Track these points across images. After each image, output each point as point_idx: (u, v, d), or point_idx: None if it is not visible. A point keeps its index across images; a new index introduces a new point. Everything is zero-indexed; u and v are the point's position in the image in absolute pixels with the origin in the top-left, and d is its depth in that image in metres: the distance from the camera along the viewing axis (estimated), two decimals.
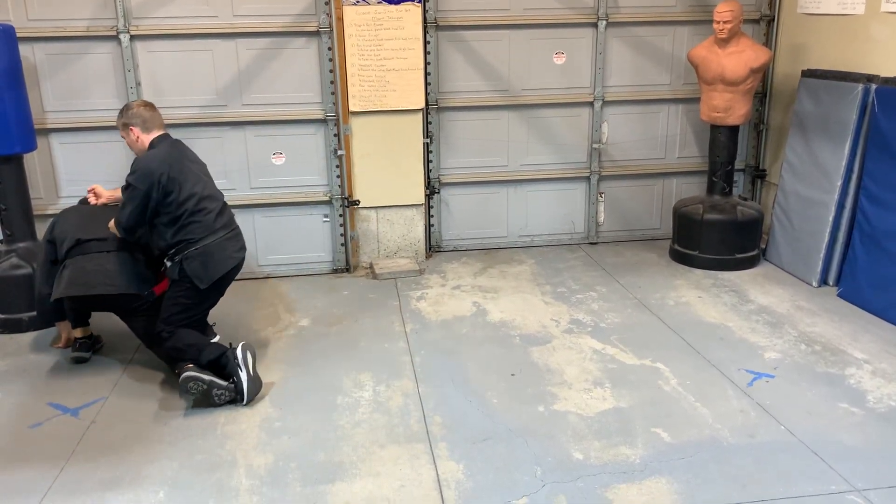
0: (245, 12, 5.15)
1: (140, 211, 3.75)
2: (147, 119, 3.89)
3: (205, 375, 3.62)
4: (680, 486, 3.00)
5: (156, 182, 3.70)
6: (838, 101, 4.97)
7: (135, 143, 3.92)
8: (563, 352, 4.20)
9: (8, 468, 3.21)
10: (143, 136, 3.89)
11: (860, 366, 3.98)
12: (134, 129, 3.87)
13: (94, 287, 3.81)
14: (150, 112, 3.93)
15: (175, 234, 3.79)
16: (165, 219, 3.77)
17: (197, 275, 3.79)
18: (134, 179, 3.71)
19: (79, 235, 3.93)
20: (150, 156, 3.80)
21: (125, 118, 3.90)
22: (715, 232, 5.39)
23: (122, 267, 3.89)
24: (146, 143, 3.89)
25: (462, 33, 5.58)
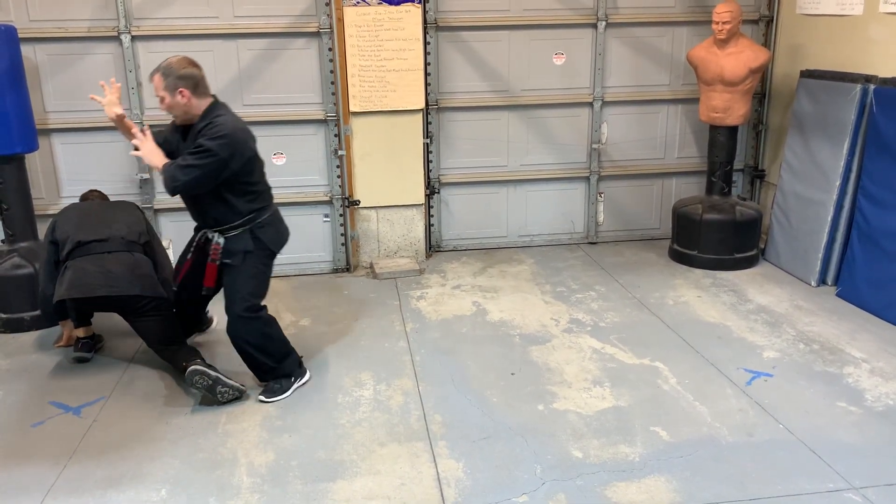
0: (246, 13, 5.17)
1: (211, 178, 3.45)
2: (200, 80, 3.51)
3: (211, 371, 3.64)
4: (679, 485, 3.02)
5: (239, 153, 3.45)
6: (837, 102, 4.99)
7: (178, 107, 3.50)
8: (563, 351, 4.22)
9: (10, 466, 3.23)
10: (194, 100, 3.49)
11: (858, 365, 3.99)
12: (185, 91, 3.45)
13: (95, 289, 3.80)
14: (201, 72, 3.55)
15: (249, 203, 3.60)
16: (240, 189, 3.56)
17: (273, 241, 3.70)
18: (217, 145, 3.38)
19: (79, 237, 3.92)
20: (233, 123, 3.48)
21: (174, 78, 3.44)
22: (714, 232, 5.41)
23: (124, 268, 3.87)
24: (200, 110, 3.52)
25: (462, 34, 5.60)
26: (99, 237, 3.94)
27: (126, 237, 4.00)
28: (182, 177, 3.41)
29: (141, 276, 3.90)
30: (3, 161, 4.54)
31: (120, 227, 4.02)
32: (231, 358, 4.19)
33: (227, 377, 3.69)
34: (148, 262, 4.04)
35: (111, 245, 3.93)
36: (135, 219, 4.17)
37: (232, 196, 3.55)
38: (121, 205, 4.31)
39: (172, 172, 3.43)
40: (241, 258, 3.62)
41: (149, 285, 3.90)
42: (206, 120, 3.46)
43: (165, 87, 3.45)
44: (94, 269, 3.83)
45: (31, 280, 4.49)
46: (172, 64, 3.47)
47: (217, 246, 3.62)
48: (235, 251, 3.61)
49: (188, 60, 3.53)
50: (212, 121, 3.45)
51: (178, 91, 3.44)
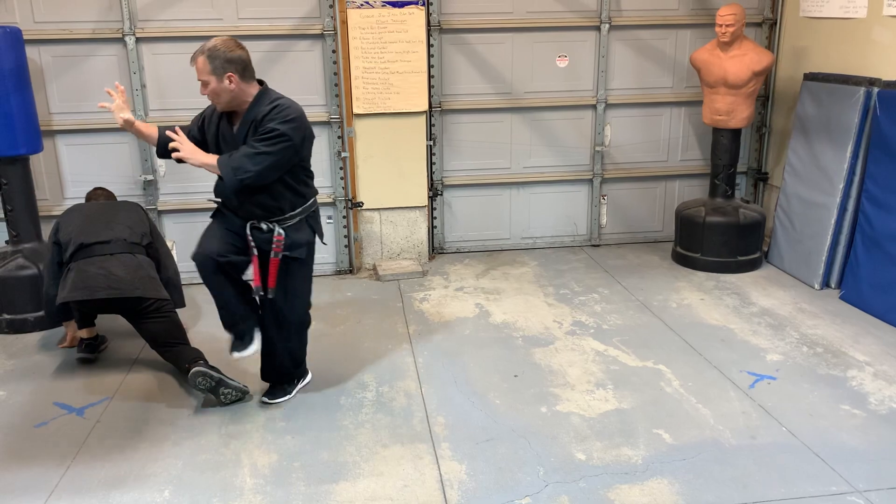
0: (250, 15, 5.18)
1: (283, 165, 3.21)
2: (248, 64, 3.23)
3: (214, 373, 3.64)
4: (681, 487, 3.02)
5: (308, 136, 3.28)
6: (840, 105, 4.98)
7: (225, 94, 3.19)
8: (566, 353, 4.22)
9: (14, 467, 3.24)
10: (242, 84, 3.21)
11: (862, 368, 3.99)
12: (233, 75, 3.16)
13: (96, 291, 3.81)
14: (248, 54, 3.26)
15: (306, 188, 3.40)
16: (300, 175, 3.35)
17: (321, 231, 3.53)
18: (290, 129, 3.15)
19: (81, 239, 3.94)
20: (297, 105, 3.28)
21: (221, 61, 3.13)
22: (717, 234, 5.41)
23: (126, 270, 3.88)
24: (249, 95, 3.25)
25: (465, 36, 5.60)
26: (101, 239, 3.95)
27: (128, 239, 4.02)
28: (253, 166, 3.13)
29: (142, 278, 3.90)
30: (8, 162, 4.56)
31: (122, 230, 4.04)
32: (233, 363, 4.21)
33: (230, 378, 3.70)
34: (150, 263, 4.05)
35: (113, 247, 3.95)
36: (137, 220, 4.18)
37: (294, 182, 3.33)
38: (124, 205, 4.32)
39: (239, 163, 3.14)
40: (305, 251, 3.40)
41: (150, 287, 3.91)
42: (269, 104, 3.21)
43: (212, 70, 3.13)
44: (96, 271, 3.84)
45: (35, 281, 4.51)
46: (218, 45, 3.14)
47: (280, 238, 3.32)
48: (300, 243, 3.37)
49: (235, 42, 3.21)
50: (277, 103, 3.20)
51: (226, 75, 3.13)
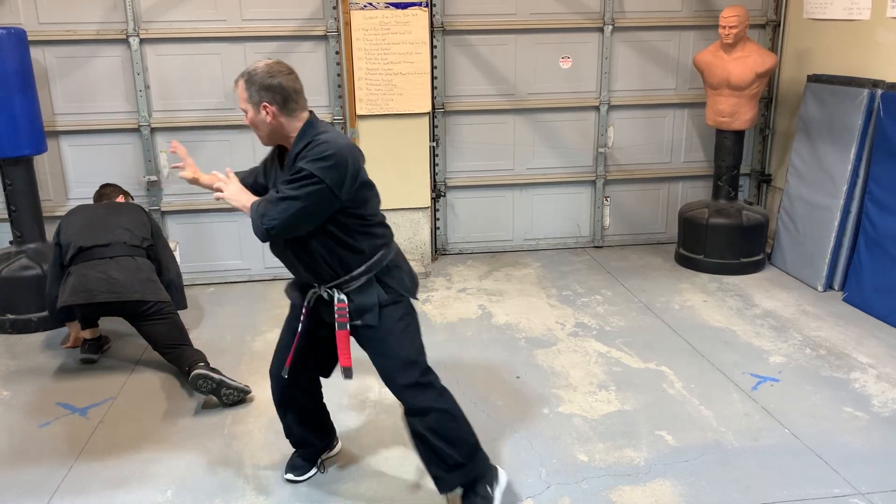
0: (253, 16, 5.19)
1: (316, 213, 2.61)
2: (292, 94, 2.67)
3: (215, 374, 3.65)
4: (684, 489, 3.01)
5: (350, 178, 2.61)
6: (844, 106, 4.98)
7: (262, 126, 2.68)
8: (568, 355, 4.22)
9: (17, 467, 3.25)
10: (283, 118, 2.66)
11: (865, 370, 3.98)
12: (269, 106, 2.63)
13: (95, 295, 3.82)
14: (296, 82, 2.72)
15: (368, 242, 2.74)
16: (355, 225, 2.71)
17: (406, 287, 2.83)
18: (321, 169, 2.54)
19: (81, 243, 3.94)
20: (339, 140, 2.66)
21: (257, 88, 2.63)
22: (720, 236, 5.40)
23: (125, 273, 3.88)
24: (293, 130, 2.69)
25: (468, 38, 5.61)
26: (100, 242, 3.95)
27: (128, 242, 4.02)
28: (277, 214, 2.57)
29: (141, 280, 3.90)
30: (12, 163, 4.57)
31: (122, 233, 4.04)
32: (236, 364, 4.22)
33: (231, 379, 3.70)
34: (150, 265, 4.05)
35: (113, 250, 3.95)
36: (139, 222, 4.18)
37: (347, 235, 2.70)
38: (126, 207, 4.32)
39: (263, 210, 2.61)
40: (376, 315, 2.75)
41: (149, 290, 3.90)
42: (305, 140, 2.65)
43: (248, 98, 2.65)
44: (96, 274, 3.85)
45: (39, 281, 4.52)
46: (259, 70, 2.66)
47: (342, 305, 2.73)
48: (368, 306, 2.74)
49: (280, 66, 2.70)
50: (313, 139, 2.63)
51: (261, 105, 2.63)
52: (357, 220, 2.71)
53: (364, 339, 2.80)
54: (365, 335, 2.79)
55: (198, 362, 3.73)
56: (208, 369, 3.67)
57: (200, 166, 5.61)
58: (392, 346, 2.78)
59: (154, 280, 3.99)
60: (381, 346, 2.79)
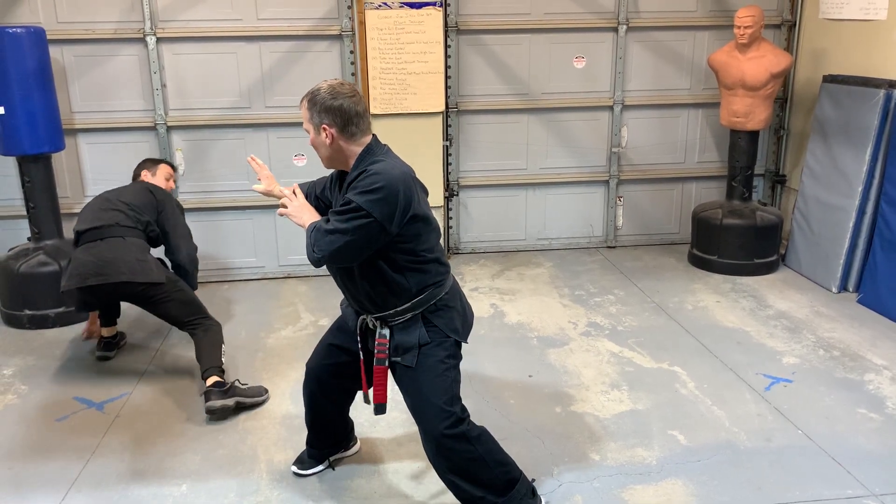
0: (269, 16, 5.23)
1: (364, 247, 2.53)
2: (353, 117, 2.61)
3: (229, 401, 3.56)
4: (696, 488, 3.01)
5: (400, 211, 2.52)
6: (860, 107, 4.95)
7: (323, 149, 2.68)
8: (581, 354, 4.22)
9: (36, 460, 3.29)
10: (342, 142, 2.63)
11: (879, 372, 3.96)
12: (330, 129, 2.60)
13: (86, 279, 3.72)
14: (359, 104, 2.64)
15: (418, 278, 2.65)
16: (405, 260, 2.61)
17: (453, 327, 2.72)
18: (369, 202, 2.47)
19: (79, 227, 3.90)
20: (392, 170, 2.58)
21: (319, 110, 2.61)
22: (734, 237, 5.39)
23: (113, 254, 3.75)
24: (353, 154, 2.65)
25: (482, 37, 5.62)
26: (94, 225, 3.86)
27: (121, 223, 3.89)
28: (326, 245, 2.52)
29: (129, 261, 3.74)
30: (31, 160, 4.63)
31: (115, 215, 3.91)
32: (250, 360, 4.25)
33: (245, 395, 3.65)
34: (141, 245, 3.88)
35: (104, 232, 3.84)
36: (140, 202, 4.03)
37: (393, 269, 2.61)
38: (130, 188, 4.18)
39: (315, 239, 2.56)
40: (414, 356, 2.67)
41: (138, 271, 3.74)
42: (360, 168, 2.59)
43: (310, 119, 2.63)
44: (87, 258, 3.76)
45: (57, 277, 4.55)
46: (322, 90, 2.60)
47: (383, 340, 2.69)
48: (408, 346, 2.68)
49: (343, 88, 2.61)
50: (366, 168, 2.57)
51: (321, 127, 2.60)
52: (407, 255, 2.62)
53: (399, 376, 2.75)
54: (400, 373, 2.73)
55: (208, 375, 3.62)
56: (220, 396, 3.55)
57: (215, 164, 5.70)
58: (424, 389, 2.68)
59: (144, 260, 3.80)
60: (413, 386, 2.71)
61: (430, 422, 2.67)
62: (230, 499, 3.01)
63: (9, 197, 5.27)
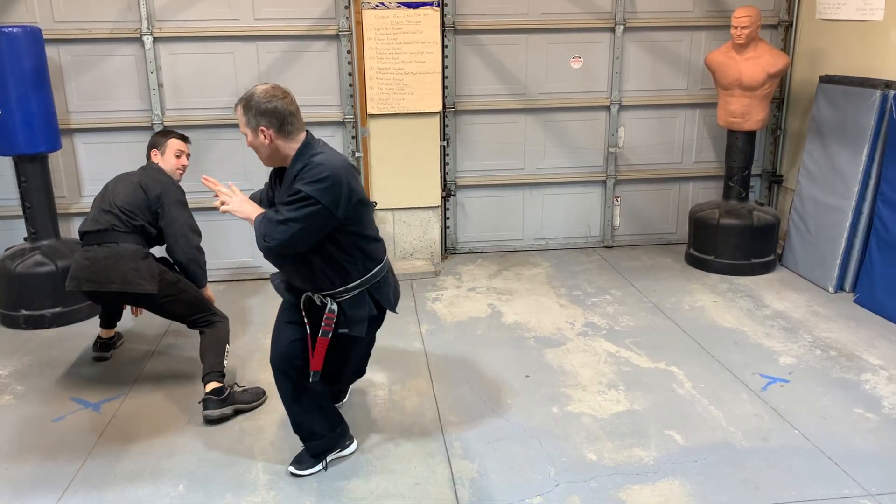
0: (266, 15, 5.22)
1: (314, 233, 2.76)
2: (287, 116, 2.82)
3: (227, 409, 3.57)
4: (693, 488, 3.02)
5: (345, 197, 2.75)
6: (856, 107, 4.96)
7: (262, 149, 2.87)
8: (578, 354, 4.22)
9: (32, 461, 3.28)
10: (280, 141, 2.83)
11: (876, 372, 3.97)
12: (266, 129, 2.80)
13: (81, 283, 3.71)
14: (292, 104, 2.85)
15: (363, 257, 2.93)
16: (350, 242, 2.88)
17: (389, 302, 3.08)
18: (317, 190, 2.70)
19: (82, 227, 3.84)
20: (334, 160, 2.81)
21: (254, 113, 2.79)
22: (731, 237, 5.39)
23: (106, 261, 3.69)
24: (290, 151, 2.85)
25: (480, 37, 5.62)
26: (94, 227, 3.78)
27: (116, 227, 3.77)
28: (278, 234, 2.73)
29: (121, 270, 3.67)
30: (27, 160, 4.62)
31: (111, 218, 3.78)
32: (248, 361, 4.24)
33: (244, 399, 3.66)
34: (135, 251, 3.74)
35: (101, 237, 3.75)
36: (132, 204, 3.84)
37: (341, 252, 2.86)
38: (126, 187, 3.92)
39: (265, 230, 2.77)
40: (364, 328, 2.97)
41: (129, 280, 3.65)
42: (302, 161, 2.79)
43: (246, 123, 2.81)
44: (83, 262, 3.72)
45: (53, 277, 4.56)
46: (256, 94, 2.79)
47: (331, 315, 2.91)
48: (357, 319, 2.95)
49: (276, 91, 2.82)
50: (308, 161, 2.78)
51: (258, 129, 2.78)
52: (353, 236, 2.87)
53: (342, 345, 3.03)
54: (343, 342, 3.00)
55: (209, 380, 3.59)
56: (218, 405, 3.54)
57: (213, 164, 5.68)
58: (362, 353, 3.31)
59: (137, 268, 3.67)
60: (357, 352, 3.23)
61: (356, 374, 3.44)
62: (227, 499, 3.00)
63: (5, 197, 5.26)
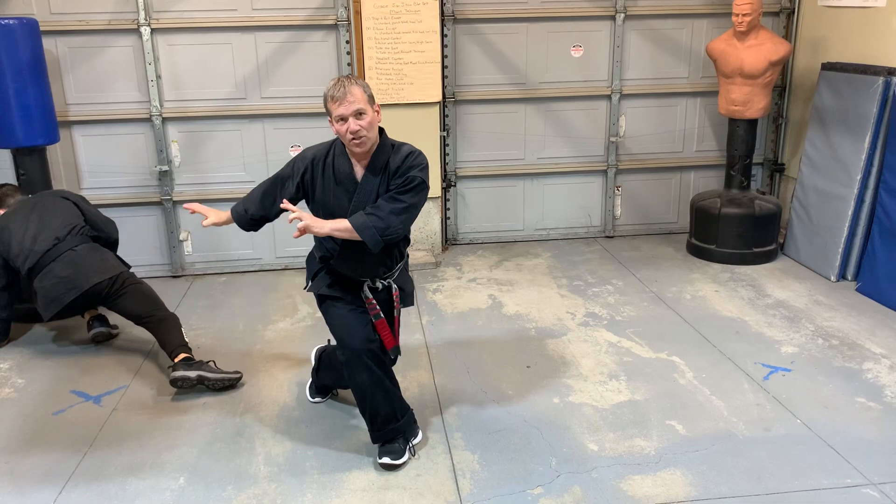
0: (264, 6, 5.19)
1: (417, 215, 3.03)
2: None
3: (191, 373, 3.68)
4: (694, 478, 3.01)
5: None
6: (859, 95, 4.93)
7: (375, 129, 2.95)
8: (579, 344, 4.21)
9: (32, 454, 3.28)
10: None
11: (878, 360, 3.96)
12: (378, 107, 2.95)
13: (63, 298, 3.93)
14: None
15: (406, 240, 3.19)
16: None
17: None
18: (427, 176, 2.95)
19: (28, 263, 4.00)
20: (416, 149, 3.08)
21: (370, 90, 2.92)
22: (732, 226, 5.37)
23: (77, 265, 3.96)
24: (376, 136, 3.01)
25: (479, 26, 5.59)
26: (42, 250, 4.00)
27: (61, 237, 4.05)
28: (401, 224, 2.88)
29: (89, 265, 3.98)
30: (25, 153, 4.61)
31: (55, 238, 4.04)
32: (248, 353, 4.24)
33: (211, 371, 3.73)
34: (92, 247, 4.10)
35: (53, 253, 3.99)
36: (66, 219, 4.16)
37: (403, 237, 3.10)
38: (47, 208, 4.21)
39: (385, 223, 2.85)
40: (412, 298, 3.25)
41: (102, 269, 3.99)
42: (404, 152, 3.00)
43: (367, 100, 2.86)
44: (52, 280, 3.93)
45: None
46: (359, 78, 2.95)
47: (397, 293, 3.15)
48: (408, 292, 3.22)
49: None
50: (411, 150, 3.00)
51: (375, 108, 2.91)
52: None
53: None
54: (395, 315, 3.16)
55: (175, 352, 3.78)
56: (185, 367, 3.68)
57: (211, 155, 5.69)
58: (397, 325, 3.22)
59: (103, 259, 4.06)
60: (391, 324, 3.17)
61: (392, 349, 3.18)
62: (228, 492, 3.00)
63: None
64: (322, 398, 3.66)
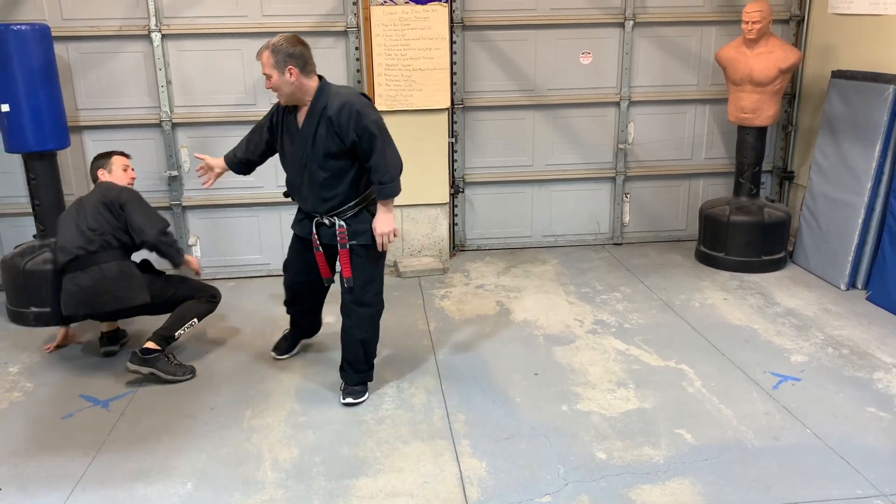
0: (274, 12, 5.21)
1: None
2: (309, 59, 3.43)
3: (143, 369, 3.85)
4: (703, 488, 2.99)
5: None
6: (869, 102, 4.91)
7: (286, 86, 3.39)
8: (587, 352, 4.20)
9: (41, 458, 3.29)
10: (303, 79, 3.40)
11: (888, 370, 3.93)
12: (294, 69, 3.36)
13: (78, 308, 3.91)
14: (309, 50, 3.46)
15: (366, 178, 3.53)
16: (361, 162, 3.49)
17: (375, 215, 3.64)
18: (380, 119, 3.40)
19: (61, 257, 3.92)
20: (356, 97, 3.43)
21: (283, 55, 3.34)
22: (741, 234, 5.36)
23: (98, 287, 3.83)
24: (311, 89, 3.44)
25: (488, 33, 5.59)
26: (74, 255, 3.86)
27: (90, 249, 3.86)
28: (398, 161, 3.48)
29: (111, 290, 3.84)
30: (36, 157, 4.63)
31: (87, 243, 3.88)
32: (255, 358, 4.25)
33: (166, 367, 3.89)
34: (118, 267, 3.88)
35: (82, 262, 3.85)
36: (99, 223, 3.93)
37: (357, 171, 3.48)
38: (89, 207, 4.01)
39: (386, 168, 3.41)
40: (368, 236, 3.51)
41: (122, 297, 3.86)
42: (338, 102, 3.36)
43: (274, 64, 3.34)
44: (72, 288, 3.86)
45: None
46: (281, 41, 3.35)
47: (342, 229, 3.50)
48: (362, 230, 3.52)
49: (296, 38, 3.41)
50: (345, 101, 3.37)
51: (287, 69, 3.34)
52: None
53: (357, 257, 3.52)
54: (353, 256, 3.51)
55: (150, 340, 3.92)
56: (141, 363, 3.85)
57: None
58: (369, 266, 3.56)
59: (127, 285, 3.86)
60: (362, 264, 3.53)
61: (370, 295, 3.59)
62: (235, 497, 3.00)
63: (14, 194, 5.28)
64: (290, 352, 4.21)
